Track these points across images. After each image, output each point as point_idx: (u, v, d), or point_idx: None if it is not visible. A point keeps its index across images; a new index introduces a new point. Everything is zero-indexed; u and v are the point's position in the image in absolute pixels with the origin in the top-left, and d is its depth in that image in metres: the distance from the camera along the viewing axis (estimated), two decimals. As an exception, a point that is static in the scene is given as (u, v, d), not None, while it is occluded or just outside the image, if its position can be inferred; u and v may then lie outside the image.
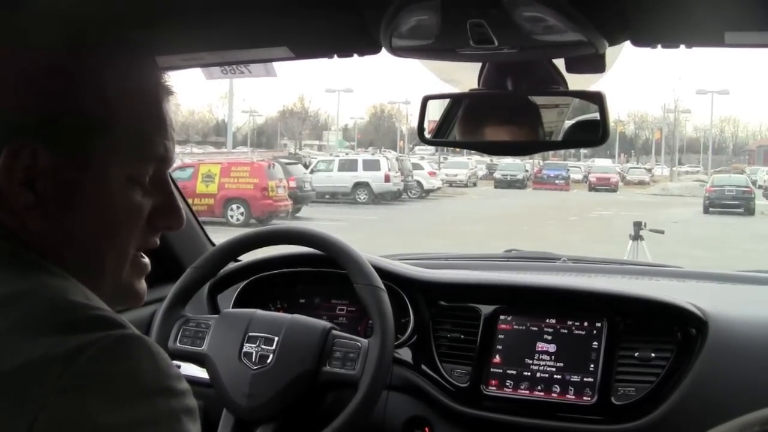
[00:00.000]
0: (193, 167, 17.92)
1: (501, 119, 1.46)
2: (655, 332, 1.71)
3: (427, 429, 1.80)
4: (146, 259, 0.89)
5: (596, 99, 1.39)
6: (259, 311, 1.77)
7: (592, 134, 1.40)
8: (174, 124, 0.87)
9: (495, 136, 1.48)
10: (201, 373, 1.79)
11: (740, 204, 23.44)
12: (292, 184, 18.76)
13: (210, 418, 1.82)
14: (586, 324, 1.73)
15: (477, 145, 1.65)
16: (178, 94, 0.89)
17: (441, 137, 1.57)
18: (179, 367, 1.85)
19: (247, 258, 2.00)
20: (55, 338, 0.68)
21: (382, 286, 1.69)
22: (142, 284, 0.88)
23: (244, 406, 1.65)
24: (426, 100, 1.48)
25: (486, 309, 1.80)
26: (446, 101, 1.54)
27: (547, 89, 1.42)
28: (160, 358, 0.72)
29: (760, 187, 31.85)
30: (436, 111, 1.53)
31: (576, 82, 1.42)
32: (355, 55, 1.39)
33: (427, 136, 1.54)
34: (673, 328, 1.70)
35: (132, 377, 0.69)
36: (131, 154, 0.81)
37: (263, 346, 1.68)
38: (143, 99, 0.82)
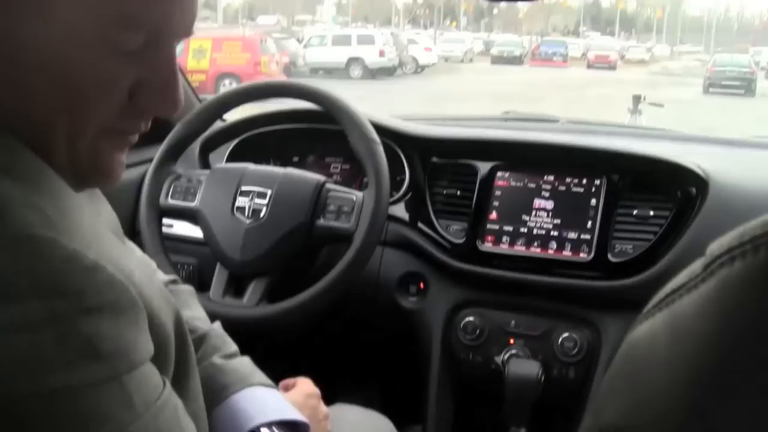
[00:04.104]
0: (182, 42, 17.48)
1: None
2: (654, 190, 1.68)
3: (422, 284, 1.80)
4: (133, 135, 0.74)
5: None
6: (251, 165, 1.72)
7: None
8: None
9: None
10: (194, 232, 1.77)
11: (741, 85, 23.11)
12: (285, 59, 18.37)
13: (203, 276, 1.81)
14: (584, 181, 1.70)
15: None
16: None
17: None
18: (171, 226, 1.84)
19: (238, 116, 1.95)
20: None
21: (378, 140, 1.64)
22: (116, 160, 0.72)
23: (237, 259, 1.63)
24: None
25: (483, 166, 1.77)
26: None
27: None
28: (59, 258, 0.58)
29: (762, 68, 31.30)
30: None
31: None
32: None
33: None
34: (673, 187, 1.67)
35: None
36: None
37: (256, 200, 1.65)
38: None
